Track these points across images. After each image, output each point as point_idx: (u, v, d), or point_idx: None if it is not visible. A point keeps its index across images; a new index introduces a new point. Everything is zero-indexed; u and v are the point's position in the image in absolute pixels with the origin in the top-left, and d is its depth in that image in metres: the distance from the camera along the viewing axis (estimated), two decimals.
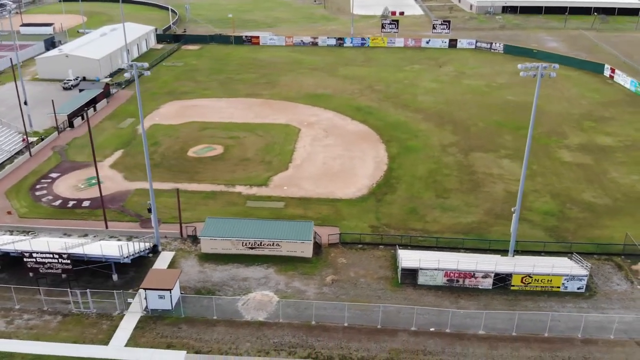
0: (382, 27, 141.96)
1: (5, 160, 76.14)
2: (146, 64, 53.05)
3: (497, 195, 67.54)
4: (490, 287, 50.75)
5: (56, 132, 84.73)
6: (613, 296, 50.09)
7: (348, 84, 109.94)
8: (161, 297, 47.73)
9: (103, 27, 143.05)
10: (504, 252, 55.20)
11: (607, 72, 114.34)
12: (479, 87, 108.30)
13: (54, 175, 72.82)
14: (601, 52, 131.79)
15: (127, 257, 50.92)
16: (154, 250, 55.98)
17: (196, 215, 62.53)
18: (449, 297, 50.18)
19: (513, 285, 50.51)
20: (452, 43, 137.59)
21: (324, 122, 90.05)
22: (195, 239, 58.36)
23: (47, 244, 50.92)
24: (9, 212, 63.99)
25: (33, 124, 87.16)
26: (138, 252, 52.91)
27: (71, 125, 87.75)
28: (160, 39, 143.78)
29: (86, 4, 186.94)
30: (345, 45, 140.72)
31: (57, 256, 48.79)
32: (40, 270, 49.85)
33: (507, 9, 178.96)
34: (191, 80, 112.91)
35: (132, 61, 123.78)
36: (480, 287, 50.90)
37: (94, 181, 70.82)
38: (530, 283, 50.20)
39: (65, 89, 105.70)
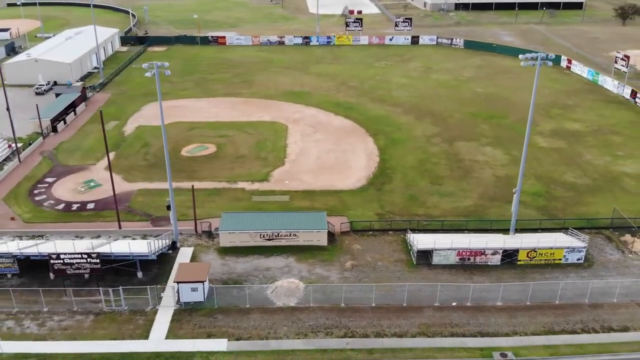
0: (347, 25, 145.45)
1: None
2: (167, 63, 53.67)
3: (487, 180, 71.86)
4: (499, 263, 54.68)
5: (41, 137, 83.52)
6: (609, 265, 55.01)
7: (323, 82, 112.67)
8: (194, 289, 49.03)
9: (65, 30, 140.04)
10: (505, 231, 59.34)
11: (564, 63, 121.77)
12: (447, 81, 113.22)
13: (49, 179, 72.13)
14: (553, 45, 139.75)
15: (154, 253, 51.89)
16: (173, 247, 56.98)
17: (205, 211, 63.70)
18: (462, 274, 53.77)
19: (519, 260, 54.61)
20: (415, 40, 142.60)
21: (309, 119, 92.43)
22: (210, 234, 59.72)
23: (72, 245, 51.21)
24: (13, 218, 63.29)
25: (15, 130, 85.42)
26: (162, 249, 53.91)
27: (54, 129, 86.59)
28: (123, 41, 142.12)
29: (39, 7, 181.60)
30: (311, 43, 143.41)
31: (85, 256, 49.28)
32: (68, 272, 50.16)
33: (460, 6, 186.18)
34: (165, 82, 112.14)
35: (100, 63, 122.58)
36: (489, 263, 54.75)
37: (93, 184, 70.87)
38: (535, 257, 54.42)
39: (37, 94, 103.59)
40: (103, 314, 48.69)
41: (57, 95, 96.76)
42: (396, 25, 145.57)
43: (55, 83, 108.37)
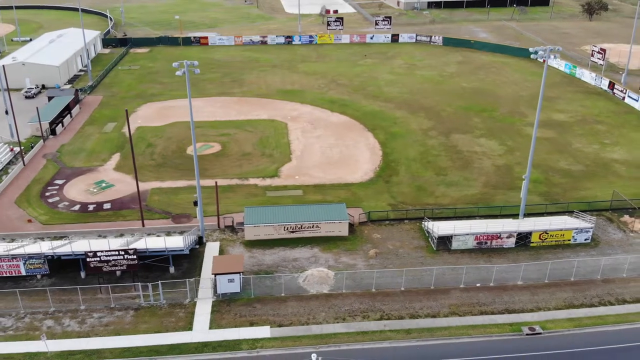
0: (328, 24, 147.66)
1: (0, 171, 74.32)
2: (196, 62, 54.77)
3: (487, 170, 75.21)
4: (513, 246, 57.88)
5: (41, 140, 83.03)
6: (613, 244, 58.86)
7: (312, 79, 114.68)
8: (231, 280, 50.45)
9: (46, 33, 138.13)
10: (514, 215, 62.67)
11: (541, 58, 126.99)
12: (432, 77, 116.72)
13: (58, 182, 72.07)
14: (527, 40, 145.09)
15: (187, 247, 53.09)
16: (200, 242, 58.18)
17: (222, 207, 64.63)
18: (481, 257, 56.73)
19: (532, 242, 57.92)
20: (395, 38, 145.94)
21: (307, 116, 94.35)
22: (233, 229, 61.13)
23: (107, 242, 51.95)
24: (30, 221, 63.28)
25: (12, 133, 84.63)
26: (193, 244, 55.12)
27: (53, 132, 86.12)
28: (105, 43, 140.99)
29: (8, 11, 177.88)
30: (294, 43, 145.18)
31: (123, 252, 50.14)
32: (104, 269, 50.90)
33: (432, 4, 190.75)
34: (155, 83, 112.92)
35: (84, 66, 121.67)
36: (504, 246, 57.89)
37: (104, 185, 71.21)
38: (547, 239, 57.82)
39: (27, 97, 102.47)
40: (142, 309, 49.67)
41: (50, 98, 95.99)
42: (376, 24, 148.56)
43: (43, 86, 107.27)
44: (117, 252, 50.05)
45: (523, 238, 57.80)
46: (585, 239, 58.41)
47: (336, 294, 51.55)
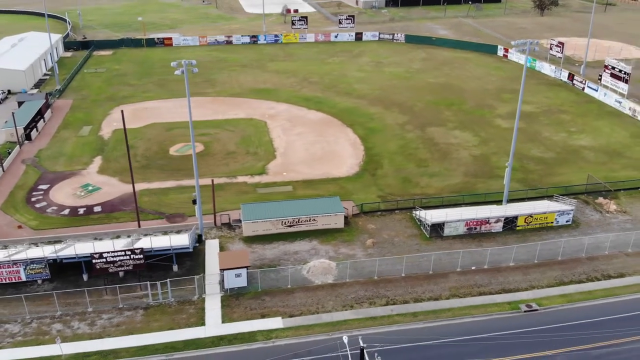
0: (293, 23, 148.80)
1: None
2: (194, 61, 55.14)
3: (466, 160, 78.30)
4: (501, 230, 60.90)
5: (17, 146, 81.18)
6: (592, 224, 62.70)
7: (284, 78, 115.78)
8: (238, 275, 51.32)
9: (5, 37, 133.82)
10: (497, 202, 65.78)
11: (500, 52, 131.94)
12: (400, 73, 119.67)
13: (42, 186, 70.86)
14: (485, 36, 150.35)
15: (192, 245, 53.60)
16: (199, 240, 58.67)
17: (216, 206, 65.50)
18: (472, 242, 59.45)
19: (518, 226, 61.07)
20: (358, 36, 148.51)
21: (284, 114, 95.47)
22: (230, 226, 61.87)
23: (112, 243, 51.90)
24: (20, 227, 62.21)
25: None
26: (194, 242, 55.65)
27: (29, 137, 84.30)
28: (66, 46, 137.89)
29: None
30: (259, 42, 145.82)
31: (129, 252, 50.26)
32: (110, 270, 50.90)
33: (390, 3, 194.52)
34: (125, 85, 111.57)
35: (48, 70, 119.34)
36: (492, 230, 60.85)
37: (91, 188, 70.55)
38: (531, 222, 61.10)
39: None
40: (152, 308, 49.97)
41: (20, 103, 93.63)
42: (340, 23, 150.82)
43: (9, 92, 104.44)
44: (123, 253, 50.15)
45: (509, 222, 60.91)
46: (567, 221, 62.04)
47: (341, 283, 53.20)
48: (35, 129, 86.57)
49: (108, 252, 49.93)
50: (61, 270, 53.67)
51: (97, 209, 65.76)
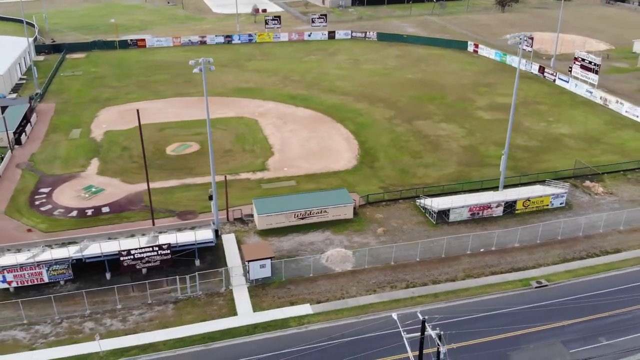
0: (266, 23, 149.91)
1: None
2: (211, 59, 56.20)
3: (456, 150, 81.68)
4: (502, 214, 64.34)
5: (9, 151, 79.95)
6: (584, 205, 66.90)
7: (265, 77, 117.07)
8: (262, 266, 52.77)
9: None
10: (493, 188, 69.22)
11: (471, 48, 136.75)
12: (378, 70, 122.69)
13: (44, 190, 70.30)
14: (452, 33, 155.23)
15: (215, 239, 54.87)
16: (216, 235, 59.72)
17: (222, 203, 66.45)
18: (476, 226, 62.62)
19: (517, 210, 64.63)
20: (331, 35, 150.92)
21: (273, 112, 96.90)
22: (243, 221, 63.16)
23: (138, 241, 52.53)
24: (30, 230, 61.82)
25: None
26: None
27: (18, 142, 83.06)
28: (37, 50, 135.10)
29: None
30: (233, 42, 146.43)
31: (157, 248, 51.06)
32: (137, 267, 51.62)
33: (356, 2, 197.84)
34: (106, 87, 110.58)
35: (24, 74, 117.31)
36: (494, 215, 64.22)
37: (94, 189, 70.48)
38: (529, 205, 64.76)
39: None
40: (181, 302, 50.91)
41: (4, 108, 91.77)
42: (312, 22, 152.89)
43: None
44: (151, 249, 50.93)
45: (509, 206, 64.41)
46: (561, 203, 66.01)
47: (360, 269, 55.38)
48: (24, 133, 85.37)
49: (136, 249, 50.62)
50: (82, 270, 53.89)
51: (105, 209, 65.85)
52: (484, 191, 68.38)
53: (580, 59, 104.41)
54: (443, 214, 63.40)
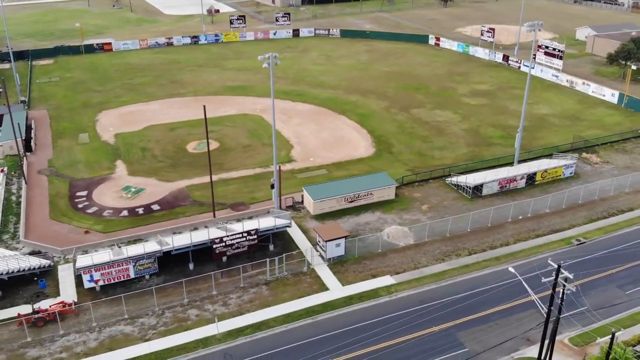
0: (231, 22, 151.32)
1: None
2: (277, 54, 58.98)
3: (460, 133, 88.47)
4: (524, 185, 71.44)
5: (24, 158, 78.19)
6: (589, 174, 75.40)
7: (249, 75, 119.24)
8: (337, 245, 56.53)
9: None
10: (508, 164, 76.33)
11: (432, 41, 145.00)
12: (354, 65, 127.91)
13: (80, 193, 70.02)
14: (406, 27, 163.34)
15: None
16: None
17: (267, 194, 69.38)
18: (506, 197, 69.32)
19: (536, 181, 71.99)
20: (296, 33, 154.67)
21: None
22: (294, 208, 66.37)
23: (225, 229, 54.68)
24: (87, 232, 61.97)
25: None
26: None
27: (29, 149, 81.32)
28: (0, 58, 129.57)
29: None
30: (200, 42, 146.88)
31: (245, 234, 53.60)
32: (228, 253, 53.94)
33: (305, 1, 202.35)
34: (91, 91, 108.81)
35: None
36: (518, 187, 71.19)
37: (133, 189, 71.06)
38: (546, 176, 72.29)
39: None
40: (272, 282, 53.83)
41: (0, 116, 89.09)
42: (276, 20, 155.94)
43: None
44: (240, 235, 53.42)
45: (530, 178, 71.66)
46: (570, 173, 74.13)
47: (422, 242, 60.42)
48: (31, 139, 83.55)
49: (227, 236, 52.93)
50: (164, 264, 55.28)
51: (155, 207, 66.87)
52: (501, 167, 75.38)
53: (544, 46, 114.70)
54: (477, 189, 69.60)
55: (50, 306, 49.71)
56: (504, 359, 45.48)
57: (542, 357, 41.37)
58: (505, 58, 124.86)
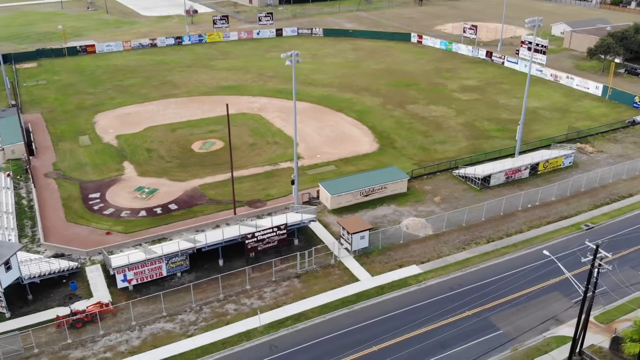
0: (214, 23, 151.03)
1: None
2: (298, 52, 59.99)
3: (458, 128, 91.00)
4: (528, 175, 74.27)
5: (28, 162, 77.12)
6: (586, 162, 78.80)
7: (240, 75, 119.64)
8: (362, 237, 57.98)
9: None
10: (510, 155, 79.09)
11: (414, 39, 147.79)
12: (342, 63, 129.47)
13: (93, 195, 69.65)
14: (386, 25, 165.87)
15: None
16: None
17: (281, 191, 70.43)
18: (513, 187, 71.91)
19: (539, 171, 74.92)
20: (279, 32, 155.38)
21: (270, 106, 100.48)
22: (310, 203, 67.51)
23: (255, 226, 55.46)
24: (109, 233, 61.86)
25: None
26: None
27: (31, 152, 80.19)
28: None
29: None
30: (184, 43, 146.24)
31: (275, 229, 54.54)
32: (259, 248, 54.78)
33: (283, 1, 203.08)
34: (83, 94, 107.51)
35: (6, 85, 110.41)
36: (522, 177, 73.95)
37: (147, 190, 71.04)
38: (548, 166, 75.29)
39: None
40: (303, 275, 54.98)
41: None
42: (259, 20, 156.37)
43: None
44: (271, 230, 54.34)
45: (533, 168, 74.52)
46: (569, 162, 77.38)
47: (440, 233, 62.41)
48: (32, 143, 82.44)
49: (259, 231, 53.81)
50: (194, 261, 55.75)
51: (173, 206, 67.08)
52: (502, 159, 78.10)
53: (527, 42, 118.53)
54: (485, 180, 72.03)
55: (87, 307, 49.74)
56: (537, 338, 47.78)
57: (579, 334, 43.75)
58: (489, 54, 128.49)
